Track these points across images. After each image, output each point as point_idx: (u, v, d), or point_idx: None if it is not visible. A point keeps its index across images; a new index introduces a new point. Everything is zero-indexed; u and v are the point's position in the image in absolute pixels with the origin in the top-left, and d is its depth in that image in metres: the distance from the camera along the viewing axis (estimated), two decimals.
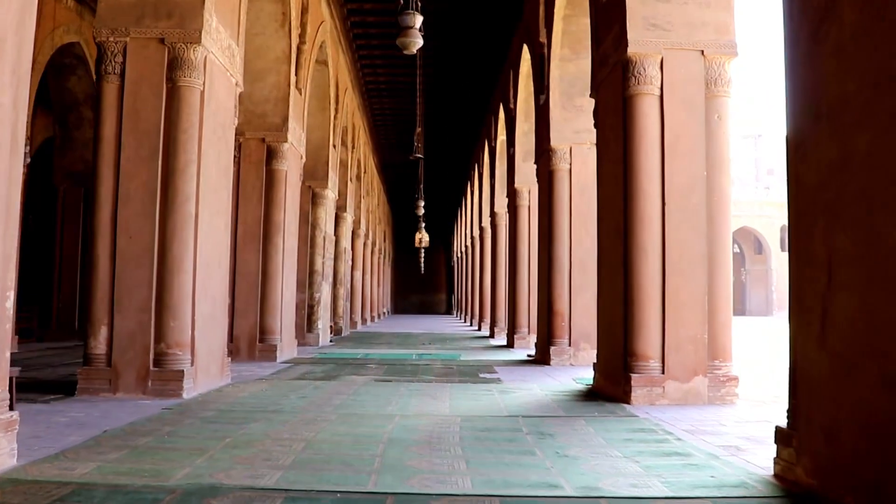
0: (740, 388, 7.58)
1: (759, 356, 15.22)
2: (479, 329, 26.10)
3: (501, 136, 20.68)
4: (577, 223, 12.17)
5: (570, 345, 12.07)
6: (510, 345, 16.95)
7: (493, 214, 22.00)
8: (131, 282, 7.32)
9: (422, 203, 25.12)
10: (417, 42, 8.83)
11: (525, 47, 15.43)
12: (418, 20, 8.84)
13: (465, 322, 35.14)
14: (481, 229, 26.67)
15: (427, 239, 35.78)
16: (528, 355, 13.97)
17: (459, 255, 42.52)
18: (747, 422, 6.35)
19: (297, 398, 7.41)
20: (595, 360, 8.95)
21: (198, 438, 5.12)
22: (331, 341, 17.81)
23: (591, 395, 8.13)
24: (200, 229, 7.69)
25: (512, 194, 17.22)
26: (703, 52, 7.76)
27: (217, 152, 8.25)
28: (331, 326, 19.26)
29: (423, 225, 32.27)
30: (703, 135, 7.68)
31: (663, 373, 7.42)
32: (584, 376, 10.07)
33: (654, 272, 7.50)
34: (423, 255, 42.60)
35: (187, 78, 7.55)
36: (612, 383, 7.94)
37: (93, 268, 7.37)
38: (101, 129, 7.47)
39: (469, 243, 33.66)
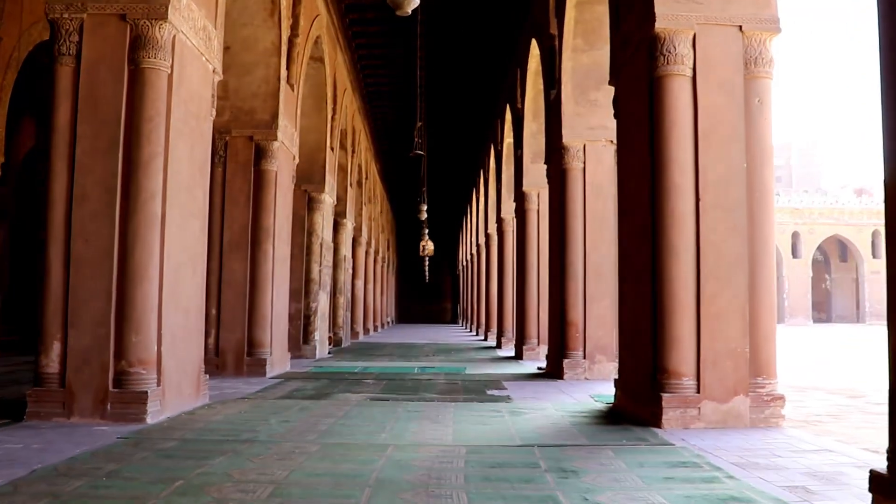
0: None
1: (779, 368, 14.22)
2: (486, 339, 25.15)
3: (508, 139, 19.76)
4: (591, 226, 11.22)
5: (584, 357, 11.11)
6: (518, 356, 16.02)
7: (499, 220, 21.06)
8: (87, 291, 6.39)
9: (424, 207, 24.09)
10: (412, 1, 7.86)
11: (533, 42, 14.51)
12: None
13: (470, 332, 34.17)
14: (487, 236, 25.74)
15: (431, 247, 34.84)
16: (539, 368, 13.01)
17: (465, 263, 41.58)
18: (804, 451, 5.38)
19: (277, 423, 6.45)
20: (616, 376, 8.00)
21: (142, 481, 4.17)
22: (329, 353, 16.87)
23: (614, 417, 7.17)
24: (169, 232, 6.77)
25: (520, 198, 16.30)
26: (740, 27, 6.82)
27: (190, 146, 7.33)
28: (330, 337, 18.31)
29: (427, 231, 31.28)
30: (741, 121, 6.73)
31: (698, 392, 6.46)
32: (602, 392, 9.12)
33: (687, 277, 6.54)
34: (427, 263, 41.64)
35: (152, 59, 6.63)
36: (638, 403, 6.97)
37: (45, 275, 6.45)
38: (55, 117, 6.55)
39: (474, 251, 32.71)
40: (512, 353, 17.45)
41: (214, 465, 4.60)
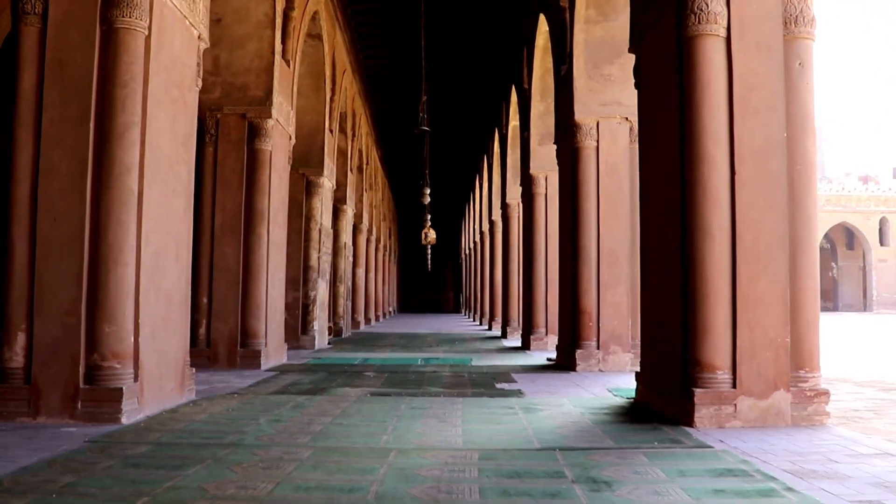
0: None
1: None
2: (490, 329, 24.52)
3: (514, 122, 19.08)
4: (605, 209, 10.57)
5: (598, 348, 10.47)
6: (526, 346, 15.39)
7: (504, 206, 20.39)
8: (56, 276, 5.74)
9: (428, 191, 23.35)
10: None
11: (542, 17, 13.81)
12: None
13: (474, 321, 33.56)
14: (491, 223, 25.07)
15: (434, 235, 34.11)
16: (549, 359, 12.38)
17: (468, 251, 40.96)
18: (862, 455, 4.73)
19: (267, 422, 5.81)
20: (636, 369, 7.38)
21: (99, 498, 3.53)
22: (329, 344, 16.24)
23: (638, 414, 6.53)
24: (147, 211, 6.11)
25: (527, 181, 15.63)
26: None
27: (171, 117, 6.67)
28: (329, 327, 17.70)
29: (430, 217, 30.53)
30: (781, 86, 6.05)
31: (734, 387, 5.81)
32: (620, 386, 8.50)
33: (721, 260, 5.88)
34: (430, 252, 40.99)
35: (127, 18, 5.95)
36: (665, 399, 6.33)
37: (8, 259, 5.79)
38: (19, 84, 5.90)
39: (478, 239, 32.06)
40: (518, 343, 16.83)
41: (188, 477, 3.95)
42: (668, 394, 6.26)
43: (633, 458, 4.57)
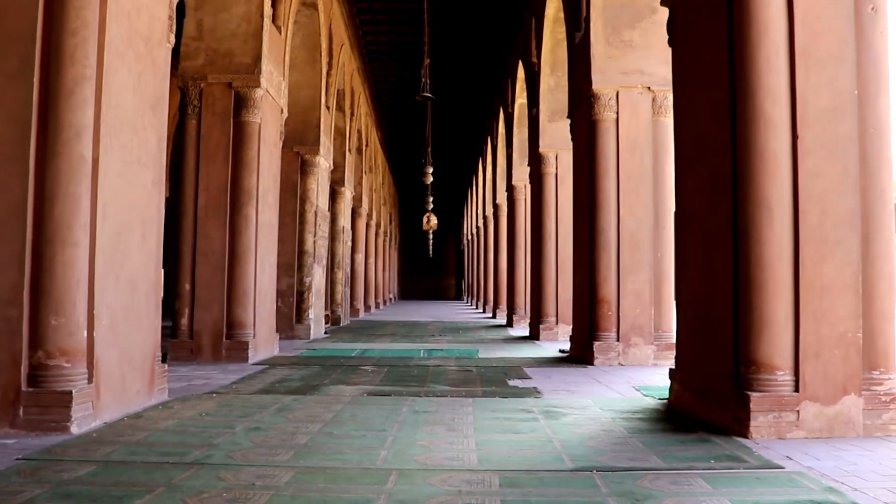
0: None
1: None
2: (494, 317, 23.63)
3: (521, 99, 18.12)
4: (626, 187, 9.65)
5: (618, 340, 9.57)
6: (534, 336, 14.51)
7: (510, 188, 19.44)
8: None
9: (430, 170, 22.31)
10: None
11: None
12: None
13: (477, 309, 32.71)
14: (496, 206, 24.12)
15: (435, 221, 33.17)
16: (561, 350, 11.50)
17: (470, 237, 40.02)
18: None
19: (243, 431, 4.91)
20: (670, 365, 6.50)
21: None
22: (325, 333, 15.36)
23: (677, 419, 5.63)
24: (104, 182, 5.20)
25: (535, 161, 14.69)
26: None
27: (136, 75, 5.74)
28: (327, 315, 16.86)
29: (432, 200, 29.56)
30: (850, 34, 5.11)
31: (797, 390, 4.91)
32: (647, 383, 7.64)
33: (781, 240, 4.97)
34: (431, 237, 40.07)
35: None
36: (710, 403, 5.43)
37: None
38: None
39: (481, 224, 31.10)
40: (526, 333, 15.96)
41: None
42: (714, 397, 5.36)
43: (692, 484, 3.68)
